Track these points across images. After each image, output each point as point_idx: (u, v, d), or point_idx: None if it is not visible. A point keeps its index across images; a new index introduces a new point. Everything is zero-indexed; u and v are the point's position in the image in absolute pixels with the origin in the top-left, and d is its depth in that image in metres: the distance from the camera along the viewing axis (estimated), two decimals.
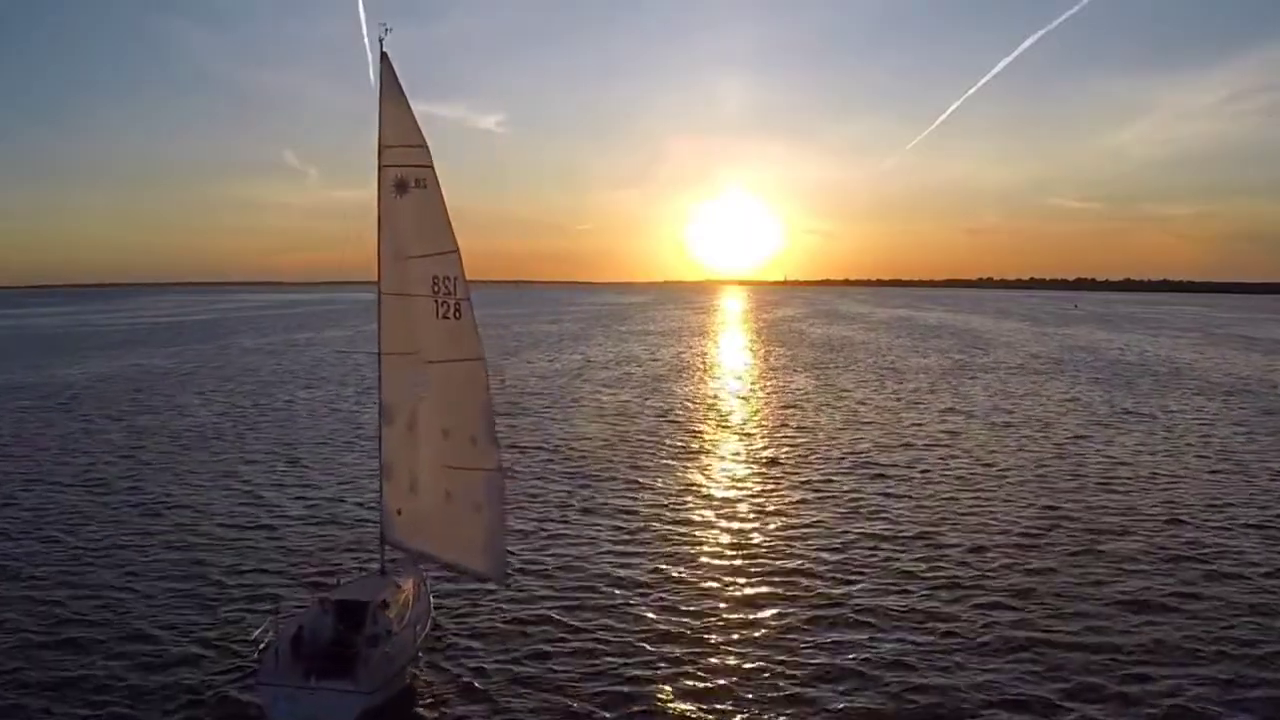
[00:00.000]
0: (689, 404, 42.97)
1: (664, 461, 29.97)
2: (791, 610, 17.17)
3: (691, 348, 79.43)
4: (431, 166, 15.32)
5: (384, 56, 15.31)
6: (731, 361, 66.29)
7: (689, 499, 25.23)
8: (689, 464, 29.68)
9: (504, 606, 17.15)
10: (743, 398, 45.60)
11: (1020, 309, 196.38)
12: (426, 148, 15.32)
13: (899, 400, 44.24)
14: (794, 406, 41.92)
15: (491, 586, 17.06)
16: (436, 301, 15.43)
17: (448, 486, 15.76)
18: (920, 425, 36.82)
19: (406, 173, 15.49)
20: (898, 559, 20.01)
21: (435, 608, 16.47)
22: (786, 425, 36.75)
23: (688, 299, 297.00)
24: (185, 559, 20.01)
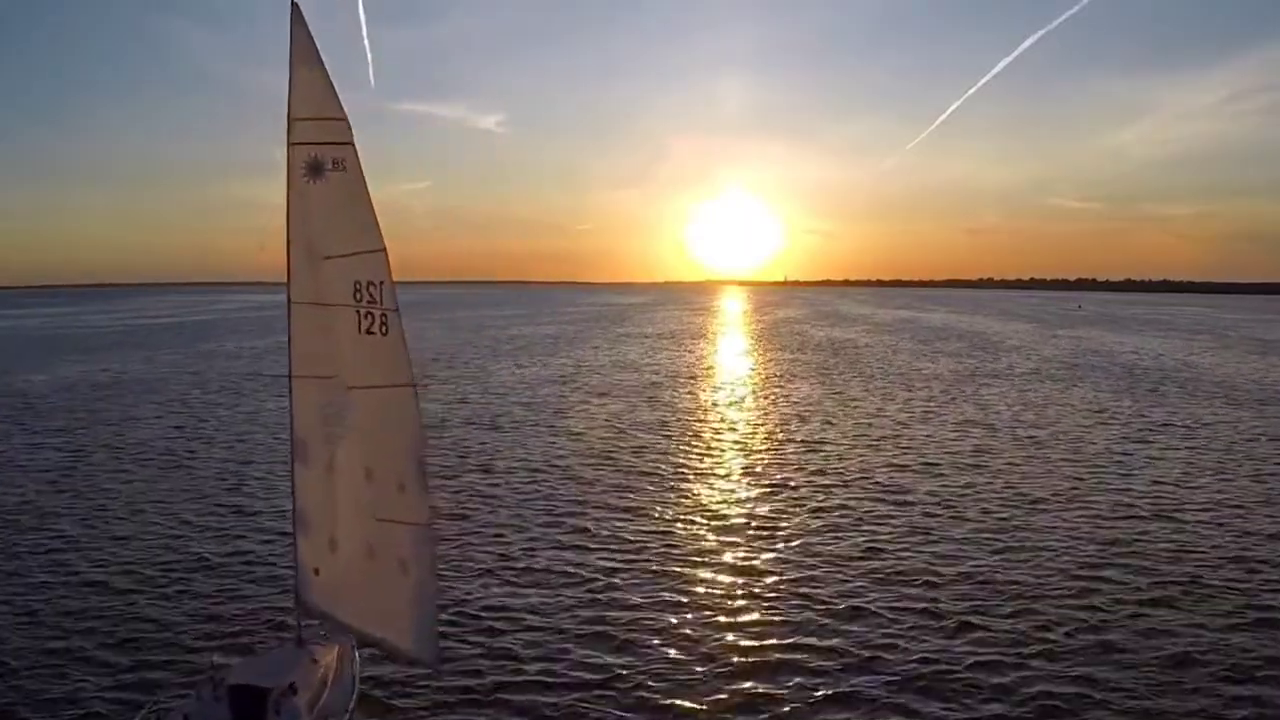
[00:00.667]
0: (685, 417, 39.90)
1: (656, 486, 26.90)
2: (805, 683, 14.07)
3: (689, 352, 76.43)
4: (352, 144, 12.24)
5: (294, 8, 12.31)
6: (731, 367, 63.22)
7: (683, 532, 22.17)
8: (684, 489, 26.65)
9: (453, 683, 14.07)
10: (744, 409, 42.54)
11: (1024, 310, 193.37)
12: (347, 121, 12.23)
13: (913, 412, 41.18)
14: (801, 419, 38.85)
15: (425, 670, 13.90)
16: (359, 313, 12.45)
17: (371, 542, 12.74)
18: (940, 442, 33.76)
19: (322, 152, 12.40)
20: (931, 613, 16.81)
21: (363, 680, 13.52)
22: (793, 441, 33.66)
23: (687, 300, 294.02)
24: (81, 610, 16.84)
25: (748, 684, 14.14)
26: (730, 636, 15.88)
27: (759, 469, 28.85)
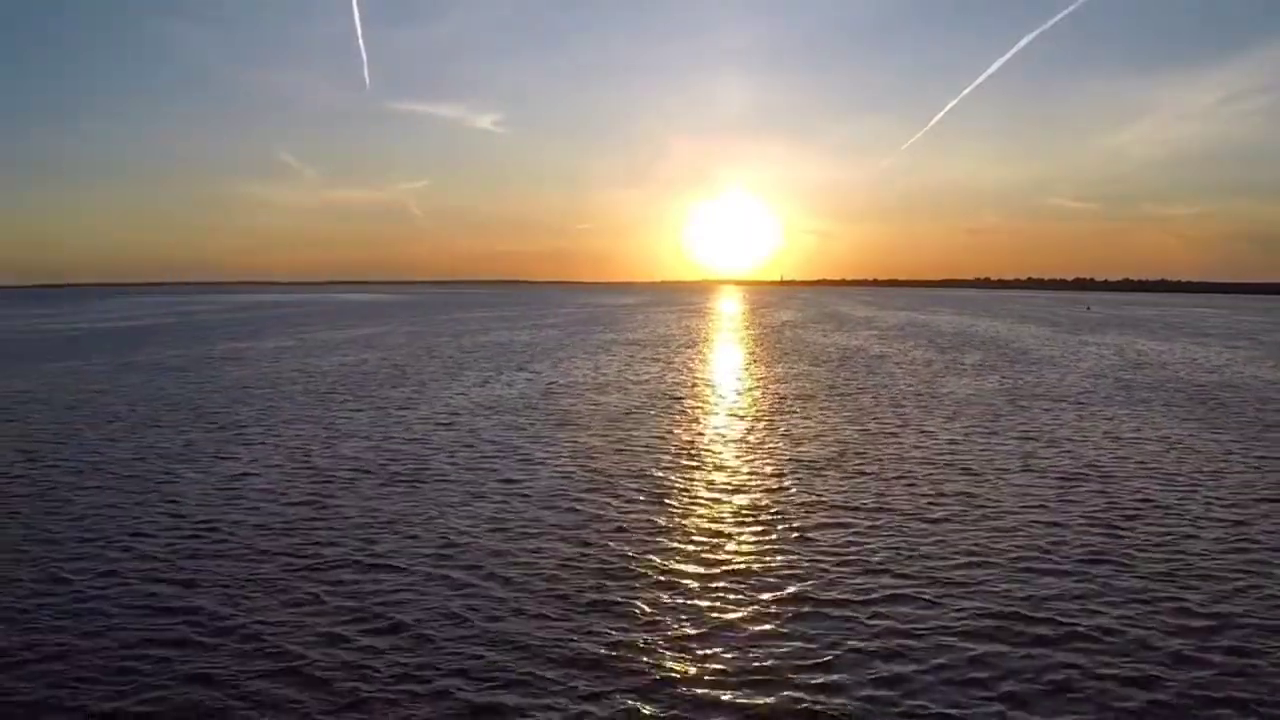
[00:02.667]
0: (669, 461, 30.39)
1: (627, 582, 17.55)
2: None
3: (679, 364, 66.93)
4: None
5: None
6: (729, 385, 53.53)
7: (666, 668, 12.97)
8: (666, 585, 17.30)
9: None
10: (748, 449, 32.97)
11: (1034, 312, 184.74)
12: None
13: (966, 452, 31.73)
14: (821, 467, 29.33)
15: None
16: None
17: None
18: (1021, 510, 24.17)
19: None
20: None
21: None
22: (820, 505, 24.05)
23: (683, 300, 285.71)
24: None
25: None
26: None
27: (776, 557, 19.47)
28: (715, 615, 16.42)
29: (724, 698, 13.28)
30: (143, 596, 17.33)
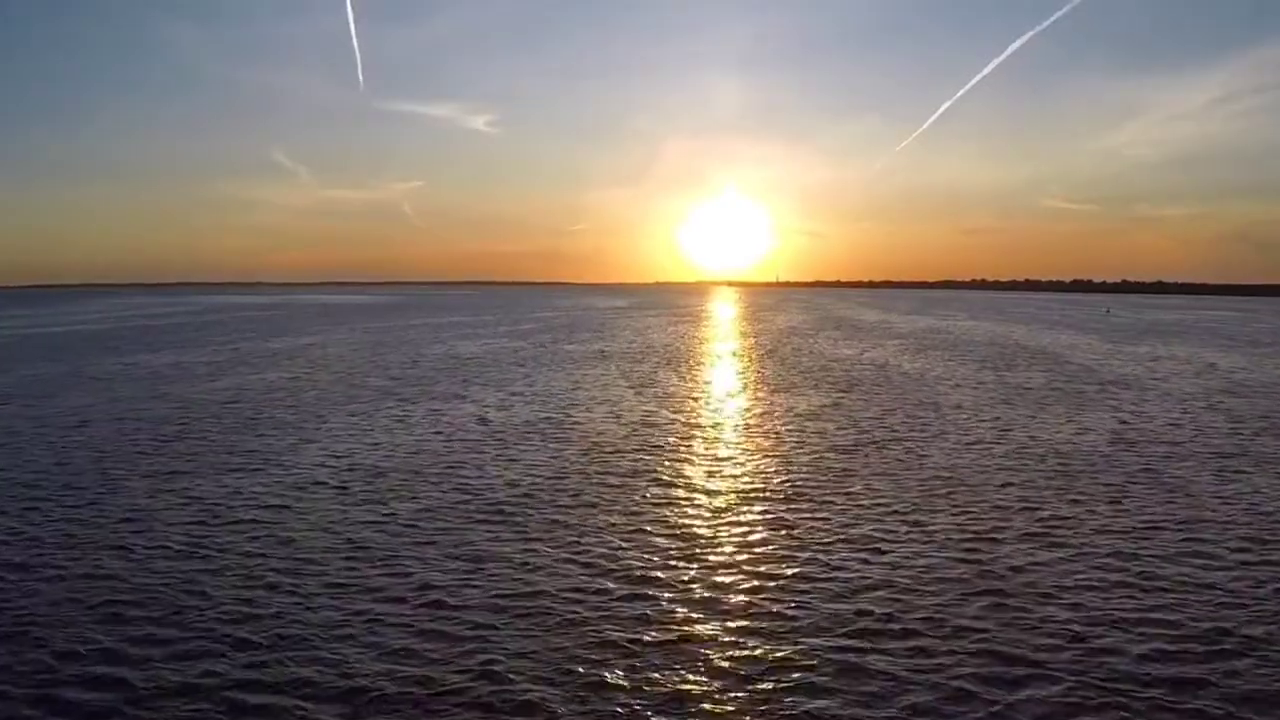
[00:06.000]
0: (647, 576, 16.38)
1: None
2: None
3: (664, 390, 52.71)
4: None
5: None
6: (730, 434, 38.62)
7: None
8: None
9: None
10: (774, 586, 18.87)
11: (1048, 315, 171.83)
12: None
13: (1168, 581, 17.71)
14: (935, 638, 15.41)
15: None
16: None
17: None
18: None
19: None
20: None
21: None
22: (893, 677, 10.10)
23: (675, 302, 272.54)
24: None
25: None
26: None
27: None
28: None
29: None
30: None
